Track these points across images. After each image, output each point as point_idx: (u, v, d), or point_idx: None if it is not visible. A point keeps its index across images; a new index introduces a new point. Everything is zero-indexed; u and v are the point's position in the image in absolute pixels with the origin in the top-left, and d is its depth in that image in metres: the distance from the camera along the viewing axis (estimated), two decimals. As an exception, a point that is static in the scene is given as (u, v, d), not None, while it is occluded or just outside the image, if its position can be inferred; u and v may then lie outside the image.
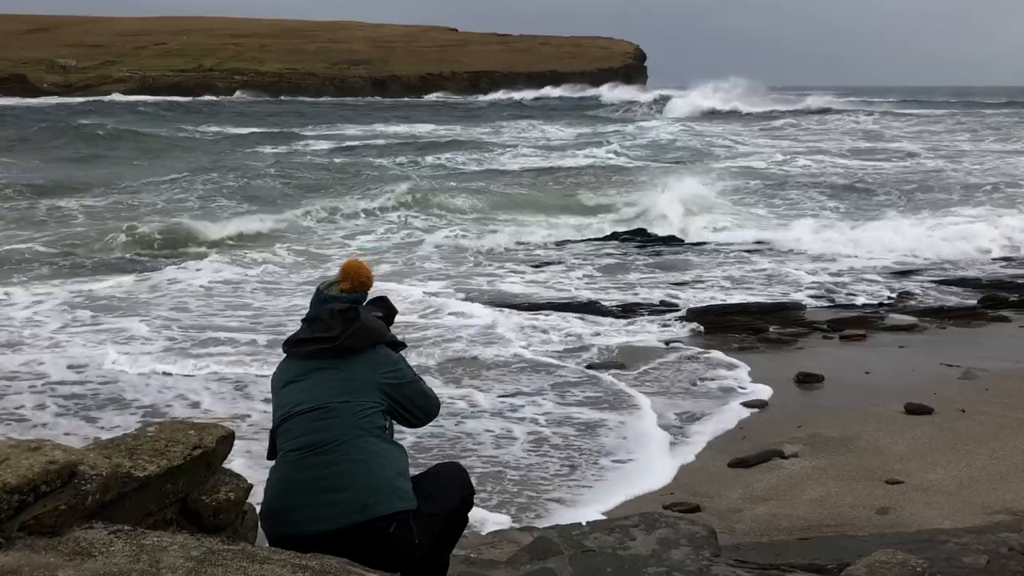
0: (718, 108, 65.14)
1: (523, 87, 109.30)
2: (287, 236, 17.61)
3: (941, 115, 60.79)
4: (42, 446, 2.87)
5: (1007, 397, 8.11)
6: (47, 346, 9.95)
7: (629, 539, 4.75)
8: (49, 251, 15.48)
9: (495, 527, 5.76)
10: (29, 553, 2.60)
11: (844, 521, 5.80)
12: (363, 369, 3.54)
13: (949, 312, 11.73)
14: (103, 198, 21.82)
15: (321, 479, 3.35)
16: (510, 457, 7.06)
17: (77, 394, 8.46)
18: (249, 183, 24.23)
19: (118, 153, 32.70)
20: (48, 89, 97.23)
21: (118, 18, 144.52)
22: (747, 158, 33.38)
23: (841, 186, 24.99)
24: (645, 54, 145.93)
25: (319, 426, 3.41)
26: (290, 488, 3.39)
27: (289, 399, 3.53)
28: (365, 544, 3.29)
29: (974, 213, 19.51)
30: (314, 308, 3.75)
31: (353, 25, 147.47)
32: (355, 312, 3.63)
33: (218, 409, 8.14)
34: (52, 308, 11.58)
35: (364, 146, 37.69)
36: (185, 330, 10.67)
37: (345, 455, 3.36)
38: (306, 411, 3.45)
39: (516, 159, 32.89)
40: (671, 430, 7.65)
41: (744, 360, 9.61)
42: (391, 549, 3.35)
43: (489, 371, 9.20)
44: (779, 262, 15.17)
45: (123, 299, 12.28)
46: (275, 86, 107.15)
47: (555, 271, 14.71)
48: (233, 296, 12.61)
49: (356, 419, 3.43)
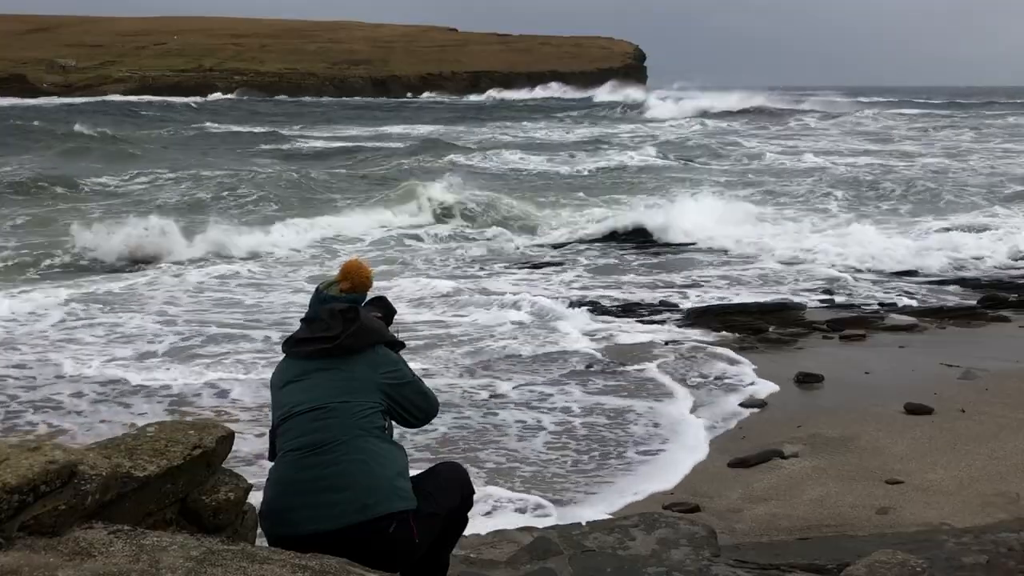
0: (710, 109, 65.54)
1: (522, 86, 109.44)
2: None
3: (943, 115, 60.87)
4: (42, 446, 2.87)
5: (1007, 397, 8.11)
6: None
7: (629, 539, 4.75)
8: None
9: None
10: (29, 553, 2.60)
11: (844, 521, 5.80)
12: (363, 369, 3.54)
13: (949, 312, 11.73)
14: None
15: (321, 479, 3.35)
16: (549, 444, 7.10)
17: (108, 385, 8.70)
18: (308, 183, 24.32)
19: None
20: (48, 89, 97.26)
21: (118, 18, 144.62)
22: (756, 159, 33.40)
23: (855, 182, 25.18)
24: (645, 54, 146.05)
25: (319, 426, 3.41)
26: (290, 488, 3.39)
27: (289, 399, 3.53)
28: (365, 544, 3.29)
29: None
30: (313, 308, 3.75)
31: (353, 25, 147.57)
32: (355, 312, 3.63)
33: (246, 399, 8.31)
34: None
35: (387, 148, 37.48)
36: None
37: (345, 455, 3.36)
38: (306, 411, 3.45)
39: (582, 162, 32.75)
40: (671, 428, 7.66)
41: (744, 360, 9.61)
42: (391, 549, 3.35)
43: (494, 367, 9.23)
44: (780, 262, 15.16)
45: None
46: (275, 86, 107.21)
47: (548, 271, 14.73)
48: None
49: (356, 419, 3.43)
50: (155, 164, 29.16)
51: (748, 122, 57.00)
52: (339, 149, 37.33)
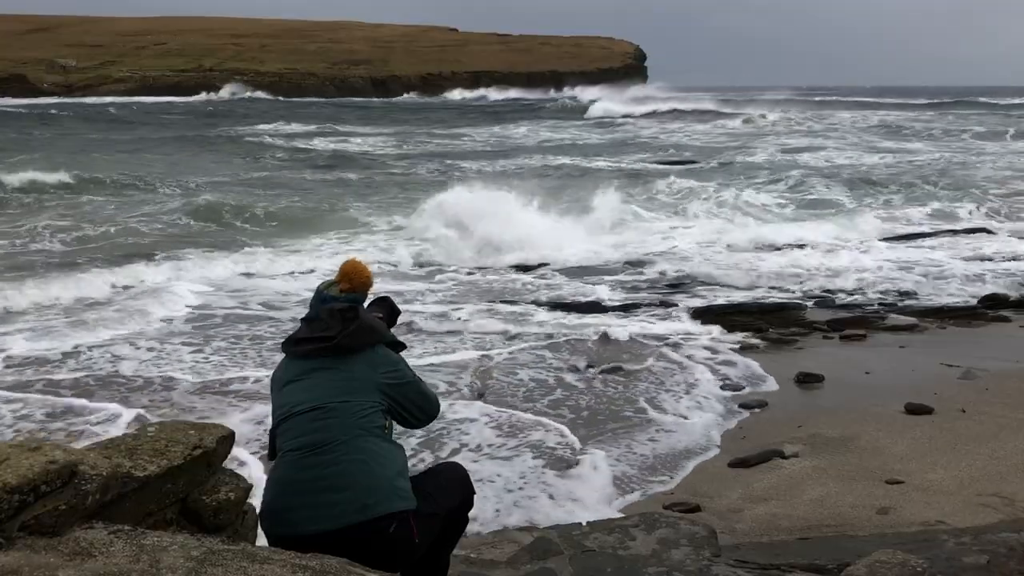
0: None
1: (522, 87, 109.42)
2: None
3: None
4: (42, 446, 2.87)
5: (1007, 397, 8.11)
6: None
7: (629, 539, 4.76)
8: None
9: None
10: (29, 553, 2.60)
11: (844, 521, 5.80)
12: (362, 368, 3.54)
13: (949, 312, 11.73)
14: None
15: (321, 479, 3.35)
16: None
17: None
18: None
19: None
20: (48, 89, 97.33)
21: (118, 18, 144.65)
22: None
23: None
24: (645, 54, 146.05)
25: (319, 426, 3.41)
26: (289, 488, 3.39)
27: (289, 399, 3.53)
28: (365, 544, 3.29)
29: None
30: (314, 308, 3.75)
31: (353, 25, 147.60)
32: (355, 312, 3.63)
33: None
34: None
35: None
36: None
37: (345, 455, 3.37)
38: (306, 411, 3.45)
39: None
40: (671, 428, 7.66)
41: (744, 360, 9.61)
42: (391, 549, 3.35)
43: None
44: (780, 262, 15.15)
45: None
46: (275, 86, 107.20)
47: (545, 272, 14.73)
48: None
49: (356, 419, 3.43)
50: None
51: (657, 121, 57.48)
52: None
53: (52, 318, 11.08)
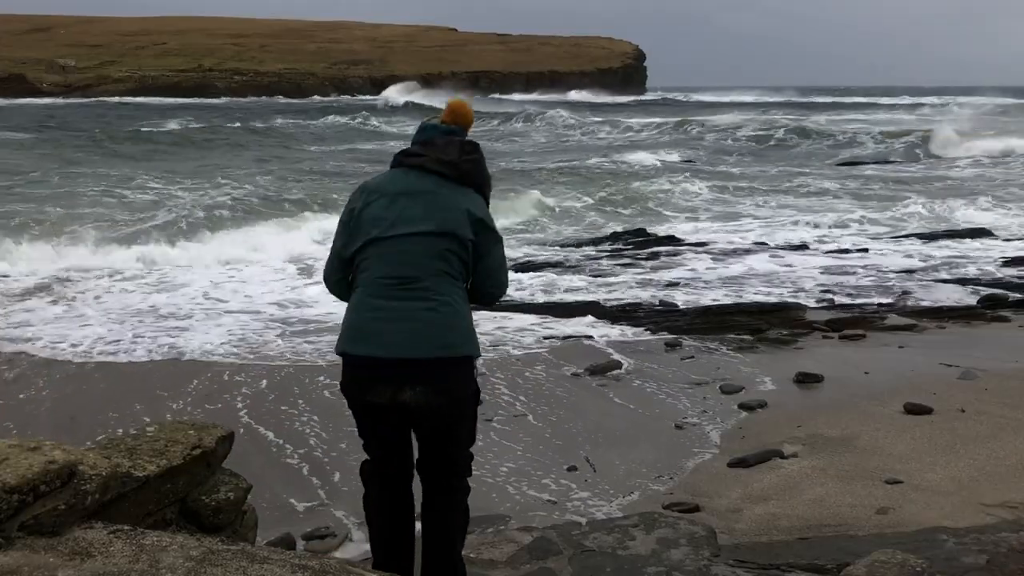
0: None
1: (521, 86, 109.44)
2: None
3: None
4: (41, 445, 2.87)
5: (1007, 397, 8.11)
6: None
7: (629, 539, 4.76)
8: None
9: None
10: (29, 553, 2.60)
11: (844, 521, 5.79)
12: (467, 203, 3.52)
13: (949, 312, 11.73)
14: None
15: (410, 311, 3.41)
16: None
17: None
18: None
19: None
20: (48, 89, 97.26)
21: (118, 18, 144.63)
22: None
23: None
24: (645, 54, 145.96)
25: (410, 259, 3.44)
26: (380, 313, 3.44)
27: (400, 212, 3.49)
28: (442, 379, 3.42)
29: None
30: (421, 137, 3.69)
31: (353, 25, 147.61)
32: (474, 144, 3.62)
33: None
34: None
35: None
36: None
37: (437, 294, 3.44)
38: (403, 235, 3.46)
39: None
40: (671, 429, 7.66)
41: (744, 360, 9.61)
42: (461, 393, 3.50)
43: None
44: (781, 263, 15.17)
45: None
46: (275, 86, 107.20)
47: (547, 273, 14.72)
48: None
49: (442, 262, 3.47)
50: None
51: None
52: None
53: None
